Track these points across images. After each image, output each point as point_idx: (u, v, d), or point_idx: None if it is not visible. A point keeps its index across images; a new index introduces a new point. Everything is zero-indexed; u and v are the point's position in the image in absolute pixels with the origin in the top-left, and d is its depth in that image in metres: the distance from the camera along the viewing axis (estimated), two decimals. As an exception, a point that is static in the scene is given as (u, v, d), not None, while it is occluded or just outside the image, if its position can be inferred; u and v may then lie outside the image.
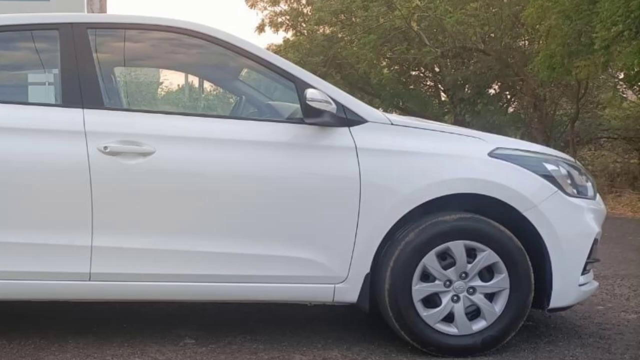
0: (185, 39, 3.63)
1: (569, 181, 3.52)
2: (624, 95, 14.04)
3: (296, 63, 3.95)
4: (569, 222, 3.46)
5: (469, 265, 3.38)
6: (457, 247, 3.38)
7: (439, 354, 3.41)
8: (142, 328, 3.72)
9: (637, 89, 12.99)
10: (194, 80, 5.40)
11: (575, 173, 3.58)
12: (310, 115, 3.36)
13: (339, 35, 17.52)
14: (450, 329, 3.40)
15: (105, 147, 3.31)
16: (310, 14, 18.37)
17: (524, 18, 12.07)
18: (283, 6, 18.96)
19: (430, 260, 3.37)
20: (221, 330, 3.69)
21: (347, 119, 3.42)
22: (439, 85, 18.22)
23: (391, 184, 3.38)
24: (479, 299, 3.40)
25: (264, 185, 3.37)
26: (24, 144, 3.35)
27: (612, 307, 4.35)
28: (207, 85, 5.36)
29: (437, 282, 3.39)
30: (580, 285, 3.52)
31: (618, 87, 13.42)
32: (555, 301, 3.48)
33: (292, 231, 3.38)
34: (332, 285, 3.40)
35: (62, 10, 4.16)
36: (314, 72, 3.82)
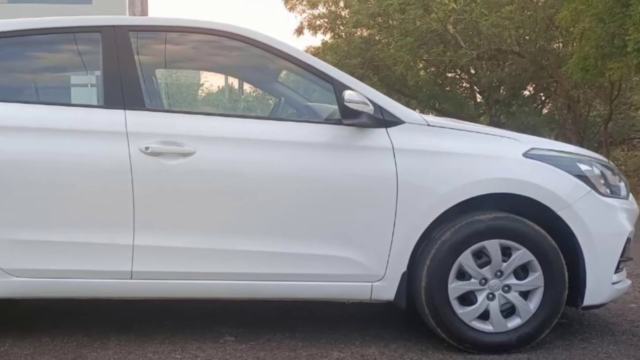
0: (225, 42, 3.73)
1: (602, 181, 3.60)
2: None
3: (334, 65, 4.03)
4: (603, 222, 3.54)
5: (504, 264, 3.47)
6: (493, 246, 3.46)
7: (475, 351, 3.50)
8: (183, 325, 3.83)
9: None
10: (234, 82, 5.47)
11: (608, 173, 3.66)
12: (348, 116, 3.43)
13: (377, 38, 17.88)
14: (486, 327, 3.49)
15: (147, 148, 3.38)
16: (348, 16, 18.84)
17: (558, 21, 12.26)
18: (321, 9, 19.54)
19: (466, 259, 3.45)
20: (261, 328, 3.79)
21: (385, 120, 3.50)
22: (475, 87, 18.53)
23: (428, 184, 3.46)
24: (514, 296, 3.48)
25: (303, 185, 3.45)
26: (67, 145, 3.44)
27: (645, 305, 4.41)
28: (247, 86, 5.43)
29: (472, 280, 3.47)
30: (613, 283, 3.61)
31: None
32: (589, 299, 3.56)
33: (330, 230, 3.47)
34: (370, 284, 3.48)
35: (104, 13, 4.26)
36: (352, 74, 3.89)
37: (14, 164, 3.41)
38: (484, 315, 3.49)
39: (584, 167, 3.58)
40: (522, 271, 3.51)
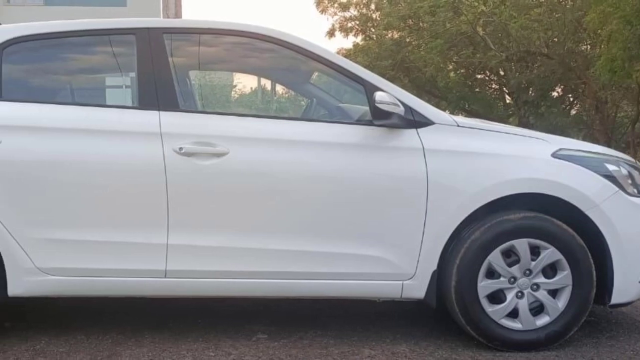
0: (258, 43, 3.79)
1: (629, 181, 3.67)
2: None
3: (365, 67, 4.10)
4: (630, 221, 3.61)
5: (533, 263, 3.54)
6: (522, 245, 3.54)
7: (504, 349, 3.58)
8: (216, 323, 3.91)
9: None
10: (267, 83, 5.51)
11: (635, 173, 3.73)
12: (379, 117, 3.50)
13: (407, 40, 18.16)
14: (515, 324, 3.57)
15: (181, 148, 3.45)
16: (379, 19, 19.21)
17: (586, 23, 12.43)
18: (353, 12, 20.11)
19: (495, 258, 3.53)
20: (293, 326, 3.87)
21: (415, 121, 3.57)
22: (504, 88, 18.80)
23: (457, 184, 3.52)
24: (542, 295, 3.56)
25: (334, 185, 3.52)
26: (102, 146, 3.51)
27: (672, 303, 4.47)
28: (279, 88, 5.48)
29: (502, 278, 3.55)
30: (640, 281, 3.63)
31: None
32: (616, 297, 3.63)
33: (361, 229, 3.54)
34: (401, 282, 3.55)
35: (139, 15, 4.34)
36: (383, 76, 3.95)
37: (51, 165, 3.49)
38: (513, 313, 3.56)
39: (611, 168, 3.65)
40: (550, 270, 3.58)
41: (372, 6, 19.75)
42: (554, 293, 3.57)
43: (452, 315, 3.63)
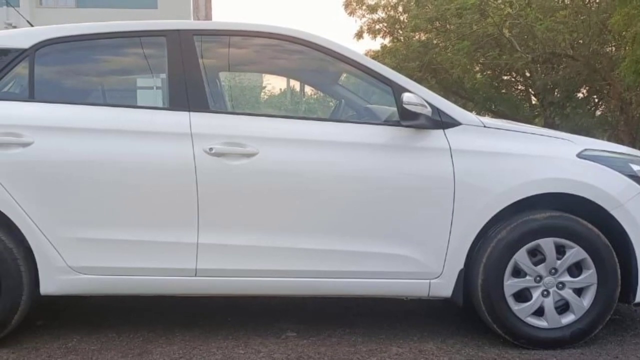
0: (287, 45, 3.85)
1: (654, 181, 3.68)
2: None
3: (393, 68, 4.17)
4: (654, 220, 3.62)
5: (559, 262, 3.61)
6: (547, 244, 3.61)
7: (530, 347, 3.66)
8: (246, 321, 3.98)
9: None
10: (296, 84, 5.57)
11: (659, 173, 3.74)
12: (406, 118, 3.56)
13: (434, 42, 18.41)
14: (541, 323, 3.64)
15: (211, 149, 3.50)
16: (406, 21, 19.57)
17: (610, 25, 12.54)
18: (380, 14, 20.50)
19: (521, 257, 3.59)
20: (321, 324, 3.94)
21: (442, 122, 3.63)
22: (530, 90, 19.02)
23: (484, 183, 3.58)
24: (567, 293, 3.62)
25: (363, 185, 3.58)
26: (133, 146, 3.57)
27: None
28: (308, 89, 5.54)
29: (527, 277, 3.61)
30: (664, 280, 3.69)
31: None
32: (641, 296, 3.67)
33: (389, 229, 3.61)
34: (428, 281, 3.62)
35: (170, 17, 4.37)
36: (410, 77, 4.02)
37: (83, 165, 3.56)
38: (539, 312, 3.64)
39: (636, 168, 3.71)
40: (575, 269, 3.66)
41: (400, 8, 20.04)
42: (579, 291, 3.64)
43: (478, 313, 3.69)
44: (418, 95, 3.58)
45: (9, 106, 3.64)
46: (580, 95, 17.70)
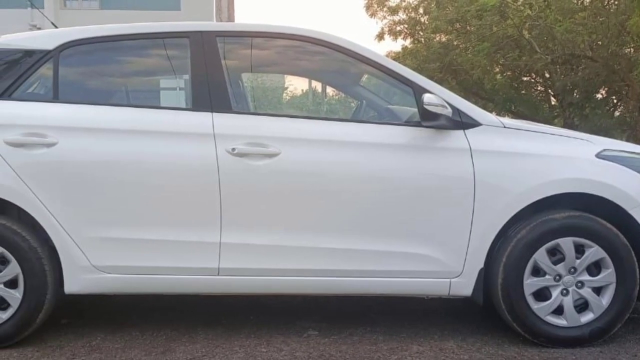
0: (309, 47, 3.91)
1: (673, 181, 3.72)
2: None
3: (414, 69, 4.23)
4: (673, 220, 3.67)
5: (578, 261, 3.66)
6: (567, 243, 3.66)
7: (549, 345, 3.71)
8: (268, 320, 4.04)
9: None
10: (317, 85, 5.62)
11: (678, 173, 3.78)
12: (427, 118, 3.61)
13: (455, 43, 18.67)
14: (560, 321, 3.69)
15: (233, 149, 3.55)
16: (427, 22, 19.87)
17: (629, 27, 12.73)
18: (401, 15, 20.76)
19: (540, 256, 3.64)
20: (343, 322, 4.00)
21: (462, 122, 3.67)
22: (549, 90, 19.25)
23: (504, 183, 3.63)
24: (587, 292, 3.67)
25: (384, 185, 3.63)
26: (156, 146, 3.62)
27: None
28: (330, 90, 5.58)
29: (547, 276, 3.66)
30: (682, 279, 3.73)
31: None
32: (660, 294, 3.72)
33: (410, 228, 3.66)
34: (448, 280, 3.67)
35: (192, 19, 4.43)
36: (431, 78, 4.05)
37: (107, 165, 3.61)
38: (558, 310, 3.70)
39: (654, 168, 3.73)
40: (594, 268, 3.71)
41: (421, 10, 20.34)
42: (598, 290, 3.70)
43: (498, 312, 3.75)
44: (438, 96, 3.64)
45: (33, 107, 3.70)
46: (599, 96, 17.87)
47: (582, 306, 3.69)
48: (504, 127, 3.75)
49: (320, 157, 3.63)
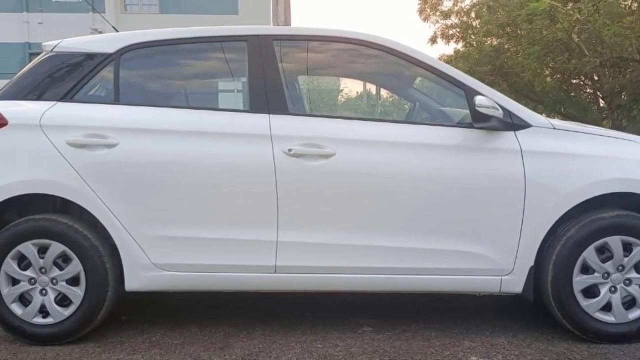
0: (364, 50, 4.01)
1: None
2: None
3: (465, 72, 4.34)
4: None
5: (626, 259, 3.77)
6: (615, 241, 3.78)
7: (598, 341, 3.84)
8: (323, 317, 4.16)
9: None
10: (372, 87, 5.71)
11: None
12: (478, 120, 3.71)
13: (505, 47, 19.08)
14: (608, 318, 3.80)
15: (290, 150, 3.65)
16: (478, 26, 20.23)
17: None
18: (454, 19, 21.41)
19: (589, 254, 3.75)
20: (396, 319, 4.12)
21: (513, 124, 3.78)
22: (598, 93, 19.59)
23: (553, 183, 3.74)
24: (634, 289, 3.80)
25: (436, 184, 3.74)
26: (215, 147, 3.73)
27: None
28: (384, 92, 5.67)
29: (596, 274, 3.77)
30: None
31: None
32: None
33: (462, 227, 3.77)
34: (499, 277, 3.77)
35: (250, 23, 4.58)
36: (482, 81, 4.17)
37: (166, 165, 3.72)
38: (607, 307, 3.82)
39: (700, 167, 3.83)
40: (642, 265, 3.78)
41: (472, 14, 20.84)
42: (645, 288, 3.78)
43: (548, 309, 3.87)
44: (490, 98, 3.75)
45: (95, 109, 3.82)
46: (646, 98, 18.13)
47: (630, 303, 3.80)
48: (554, 128, 3.87)
49: (374, 157, 3.74)
